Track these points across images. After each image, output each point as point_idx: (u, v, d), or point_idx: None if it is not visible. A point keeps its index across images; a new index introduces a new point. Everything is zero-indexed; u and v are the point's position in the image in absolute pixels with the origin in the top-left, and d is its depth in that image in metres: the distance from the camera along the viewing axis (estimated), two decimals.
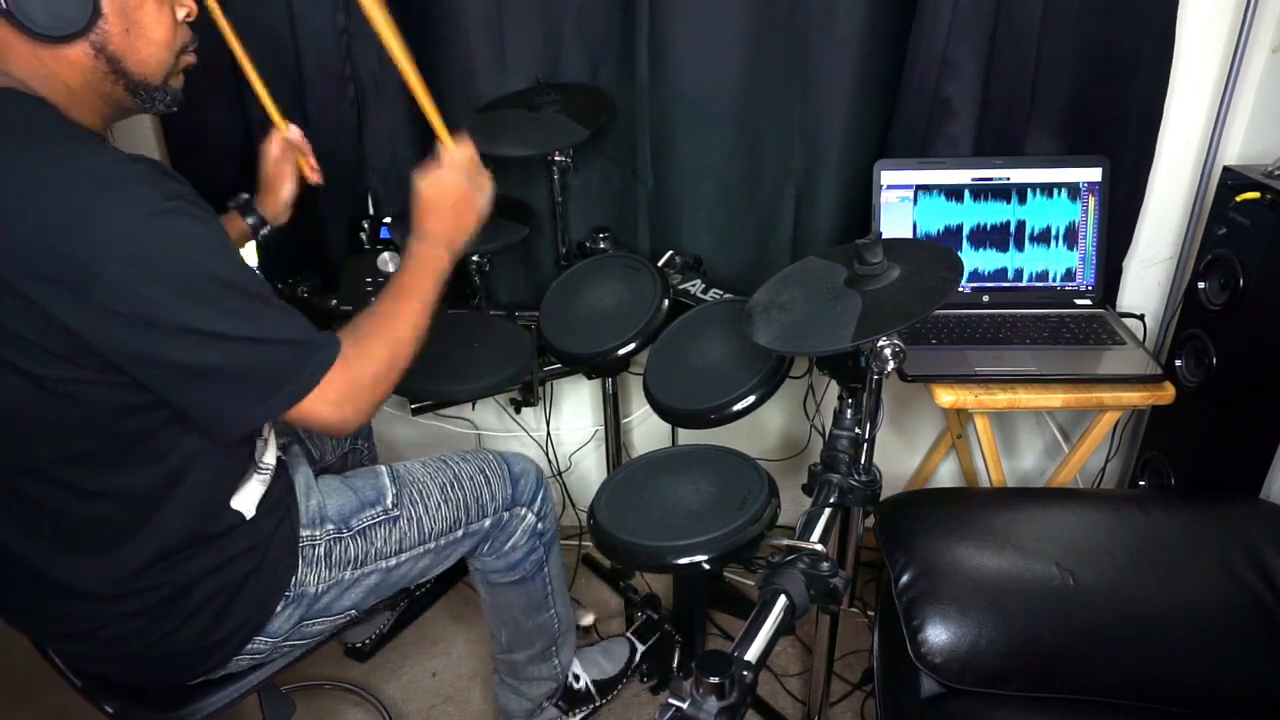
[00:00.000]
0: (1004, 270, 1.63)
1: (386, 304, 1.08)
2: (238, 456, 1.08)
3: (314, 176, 1.43)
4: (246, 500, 1.08)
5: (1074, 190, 1.60)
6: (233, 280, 0.91)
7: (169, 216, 0.87)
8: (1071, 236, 1.61)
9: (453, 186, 1.17)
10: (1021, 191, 1.61)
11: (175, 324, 0.87)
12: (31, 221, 0.83)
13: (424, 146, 1.75)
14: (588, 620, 1.86)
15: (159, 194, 0.87)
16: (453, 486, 1.30)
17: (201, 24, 1.04)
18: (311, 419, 0.97)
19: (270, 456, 1.13)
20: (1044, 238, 1.62)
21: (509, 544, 1.37)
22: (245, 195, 1.42)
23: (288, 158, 1.39)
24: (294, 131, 1.40)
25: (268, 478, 1.12)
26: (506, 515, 1.35)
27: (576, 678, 1.62)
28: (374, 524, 1.22)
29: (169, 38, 0.96)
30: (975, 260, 1.63)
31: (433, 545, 1.27)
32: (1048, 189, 1.60)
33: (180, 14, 0.98)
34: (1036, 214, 1.61)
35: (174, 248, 0.87)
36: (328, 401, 0.97)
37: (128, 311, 0.85)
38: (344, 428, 1.00)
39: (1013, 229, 1.62)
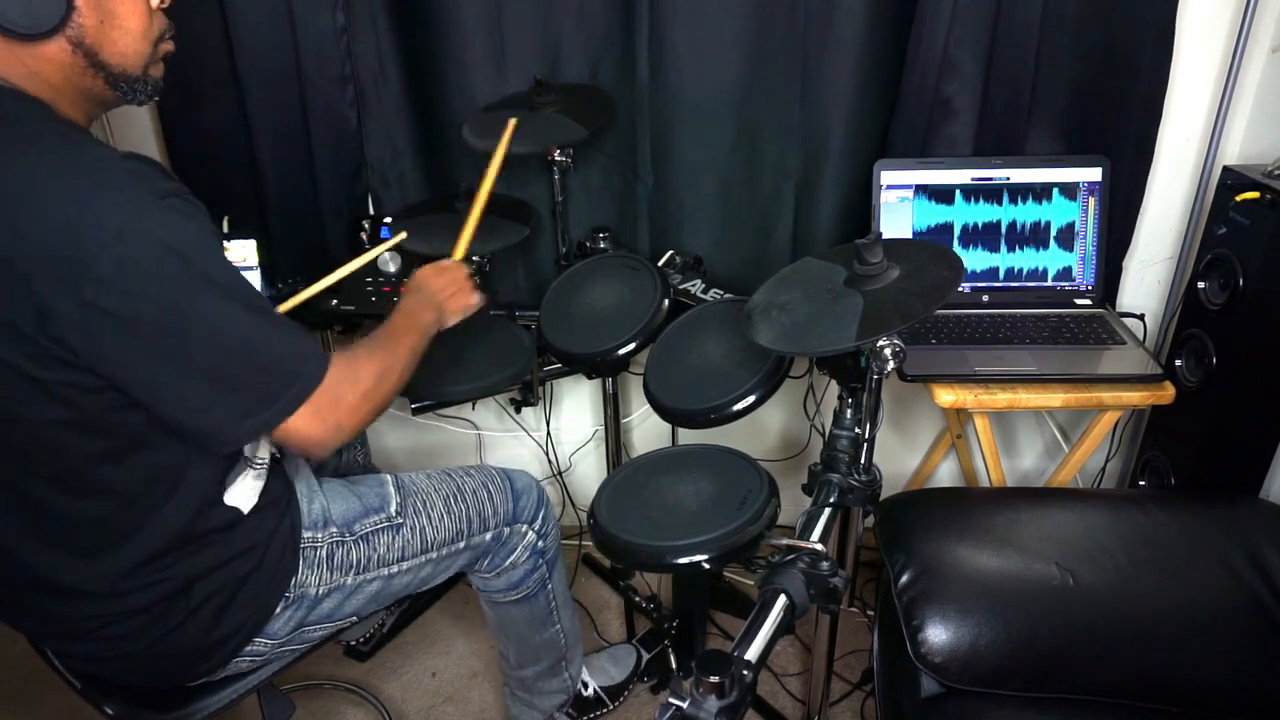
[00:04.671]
0: (1004, 270, 1.63)
1: (378, 338, 1.12)
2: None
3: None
4: (241, 495, 1.08)
5: (1074, 190, 1.60)
6: (222, 282, 0.91)
7: (162, 215, 0.87)
8: (1071, 236, 1.61)
9: (455, 273, 1.33)
10: (1021, 191, 1.61)
11: (160, 327, 0.87)
12: (31, 219, 0.83)
13: (424, 146, 1.77)
14: None
15: (153, 192, 0.87)
16: (456, 499, 1.30)
17: (190, 17, 1.03)
18: (293, 435, 0.97)
19: (264, 452, 1.13)
20: (1044, 238, 1.61)
21: (509, 560, 1.37)
22: None
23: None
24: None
25: (263, 473, 1.12)
26: (507, 531, 1.35)
27: (585, 685, 1.63)
28: (377, 530, 1.22)
29: (145, 26, 0.95)
30: (975, 260, 1.63)
31: (434, 555, 1.27)
32: (1048, 189, 1.60)
33: (155, 1, 0.97)
34: (1036, 214, 1.61)
35: (165, 247, 0.87)
36: (310, 416, 0.97)
37: (114, 310, 0.85)
38: (324, 445, 1.00)
39: (1012, 229, 1.62)
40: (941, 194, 1.61)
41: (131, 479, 0.98)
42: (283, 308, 1.42)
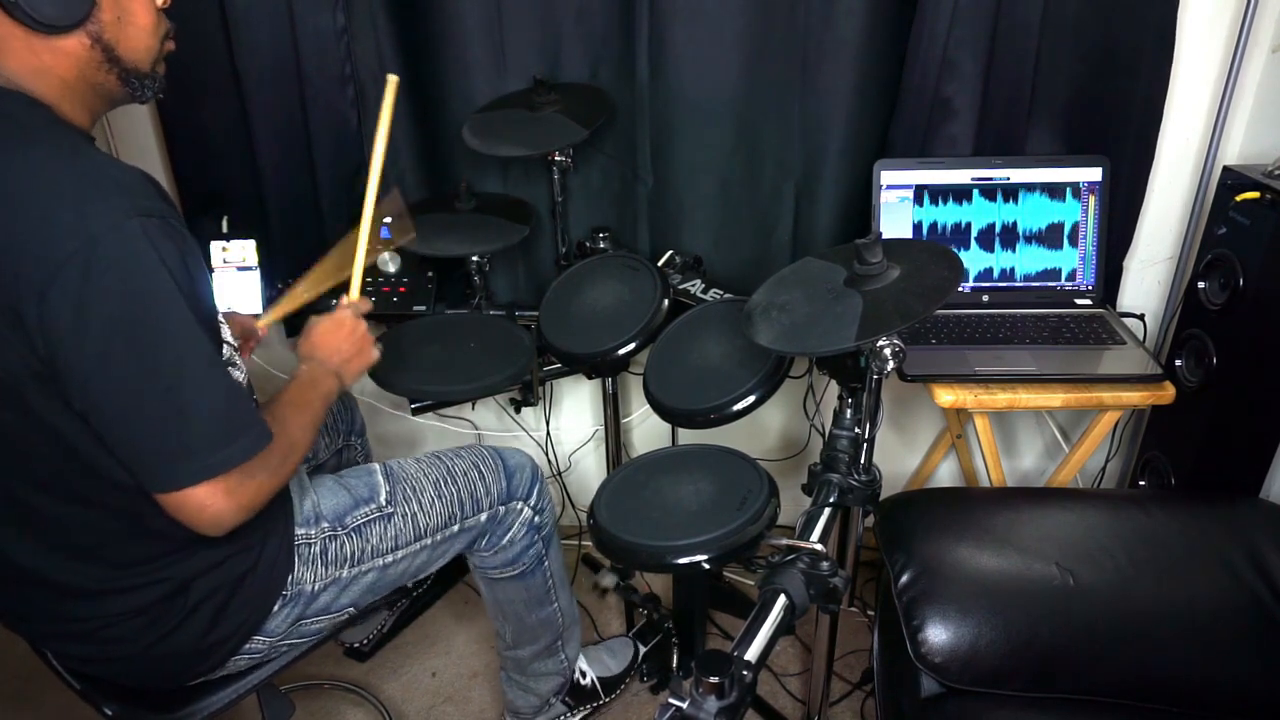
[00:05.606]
0: (1004, 270, 1.63)
1: (282, 411, 1.08)
2: None
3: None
4: None
5: (1074, 190, 1.60)
6: (185, 311, 0.90)
7: (139, 230, 0.86)
8: (1071, 236, 1.61)
9: (351, 328, 1.25)
10: (1021, 191, 1.61)
11: (111, 341, 0.86)
12: (17, 223, 0.84)
13: (424, 146, 1.77)
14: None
15: (137, 207, 0.87)
16: (446, 482, 1.30)
17: (190, 17, 1.04)
18: (194, 506, 0.93)
19: None
20: (1044, 237, 1.61)
21: (506, 538, 1.37)
22: None
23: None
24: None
25: None
26: (502, 510, 1.35)
27: (583, 674, 1.62)
28: (369, 521, 1.22)
29: (153, 24, 0.98)
30: (975, 260, 1.63)
31: (428, 541, 1.28)
32: (1048, 189, 1.60)
33: (159, 0, 0.99)
34: (1036, 214, 1.61)
35: (135, 262, 0.86)
36: (224, 490, 0.94)
37: (70, 317, 0.84)
38: (220, 526, 0.96)
39: (1012, 229, 1.62)
40: (942, 194, 1.61)
41: (124, 485, 0.96)
42: (275, 313, 1.39)
